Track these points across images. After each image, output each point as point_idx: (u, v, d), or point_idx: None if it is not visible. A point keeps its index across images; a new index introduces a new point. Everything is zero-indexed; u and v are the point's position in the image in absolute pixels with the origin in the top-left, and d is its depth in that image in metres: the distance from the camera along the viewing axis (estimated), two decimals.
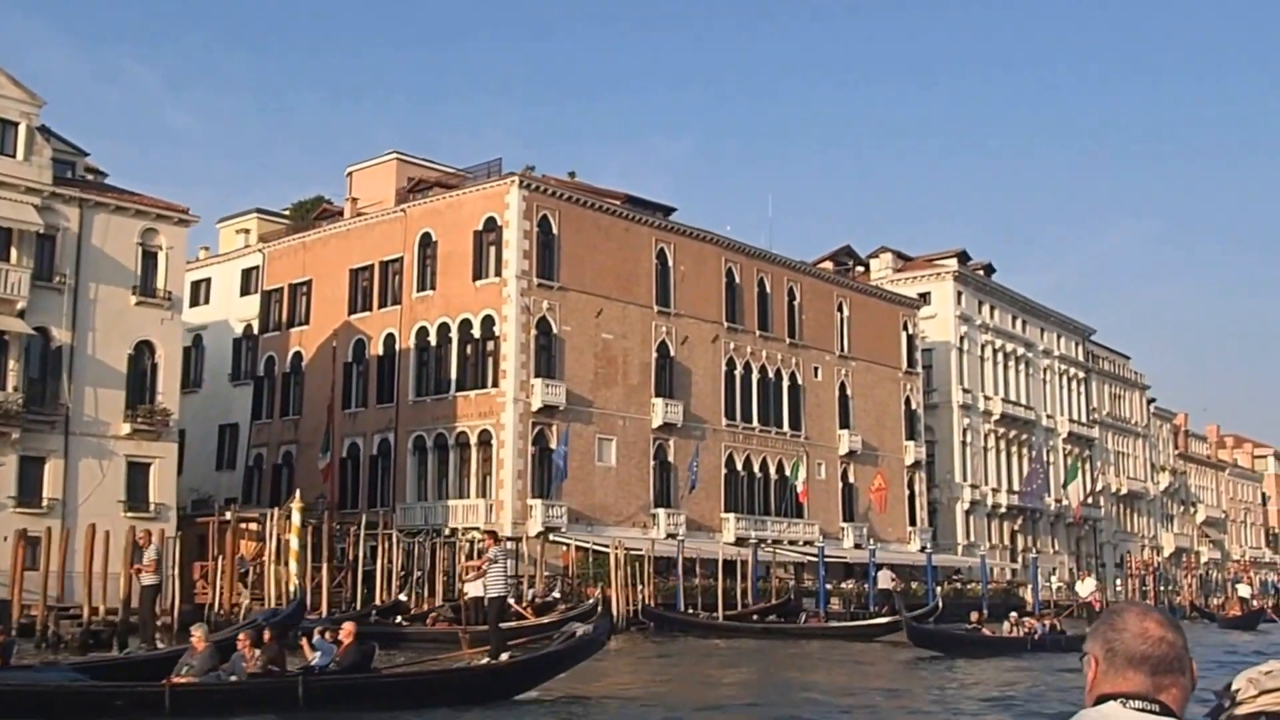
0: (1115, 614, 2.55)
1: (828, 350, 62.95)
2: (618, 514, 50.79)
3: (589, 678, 20.23)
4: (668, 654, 32.66)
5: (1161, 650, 2.44)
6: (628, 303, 52.54)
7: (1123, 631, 2.47)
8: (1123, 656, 2.45)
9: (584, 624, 18.41)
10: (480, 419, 48.78)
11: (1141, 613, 2.52)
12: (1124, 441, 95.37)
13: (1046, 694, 20.61)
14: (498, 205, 49.61)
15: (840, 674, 25.64)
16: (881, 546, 63.06)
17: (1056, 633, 31.59)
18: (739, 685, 23.79)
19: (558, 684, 18.22)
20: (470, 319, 49.82)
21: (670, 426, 53.17)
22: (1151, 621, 2.48)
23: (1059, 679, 23.73)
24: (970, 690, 21.91)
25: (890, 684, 22.96)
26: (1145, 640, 2.44)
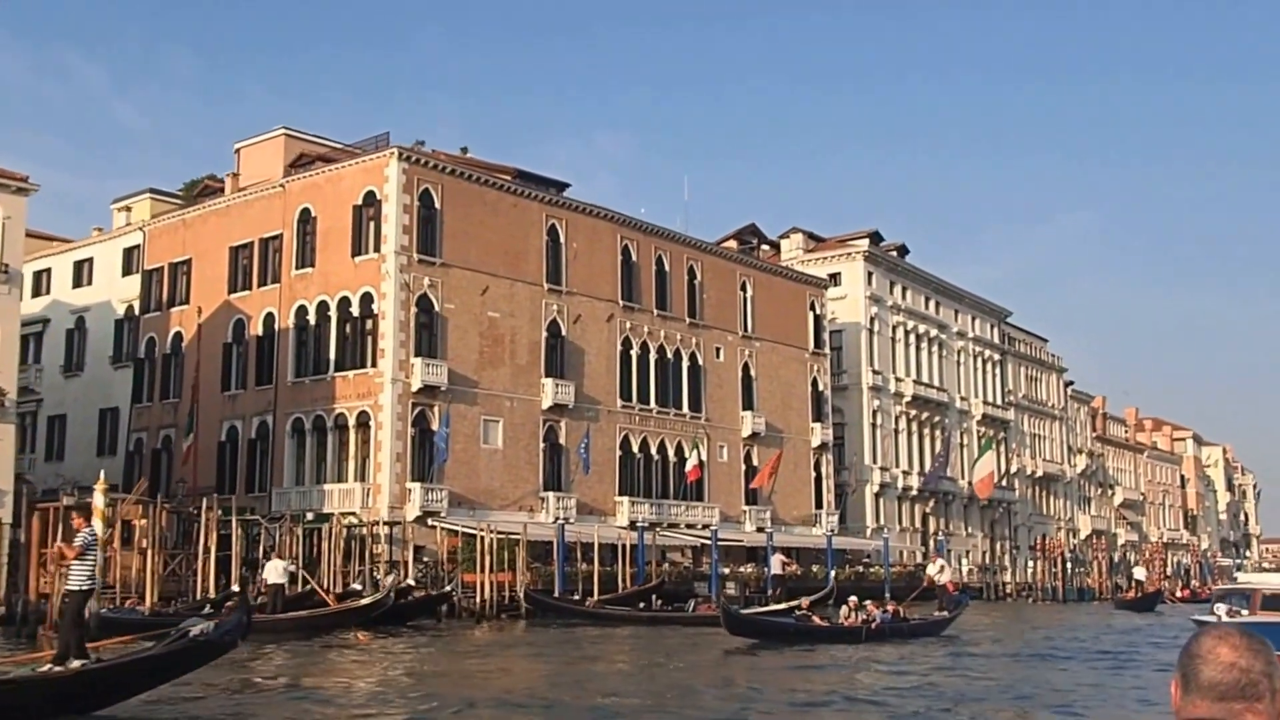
0: (1195, 639, 2.47)
1: (730, 330, 61.77)
2: (504, 498, 49.31)
3: (336, 671, 18.81)
4: (510, 643, 31.29)
5: (1232, 676, 2.35)
6: (516, 280, 51.02)
7: (1195, 657, 2.41)
8: (1194, 682, 2.38)
9: (207, 622, 14.81)
10: (359, 400, 47.10)
11: (1218, 637, 2.43)
12: (1040, 424, 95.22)
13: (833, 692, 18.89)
14: (377, 179, 47.89)
15: (635, 666, 24.13)
16: (786, 530, 62.18)
17: (899, 620, 29.60)
18: (523, 679, 21.89)
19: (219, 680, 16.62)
20: (349, 297, 48.09)
21: (561, 408, 51.75)
22: (1225, 646, 2.40)
23: (865, 673, 22.27)
24: (771, 686, 20.49)
25: (681, 680, 21.12)
26: (1215, 666, 2.37)
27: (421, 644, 28.83)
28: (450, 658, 25.96)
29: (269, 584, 31.85)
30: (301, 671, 21.76)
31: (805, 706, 17.04)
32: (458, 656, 26.34)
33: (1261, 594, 24.27)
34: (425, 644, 28.88)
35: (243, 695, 17.77)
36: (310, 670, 22.17)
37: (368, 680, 20.24)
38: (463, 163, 51.56)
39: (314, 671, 21.95)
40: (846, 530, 68.51)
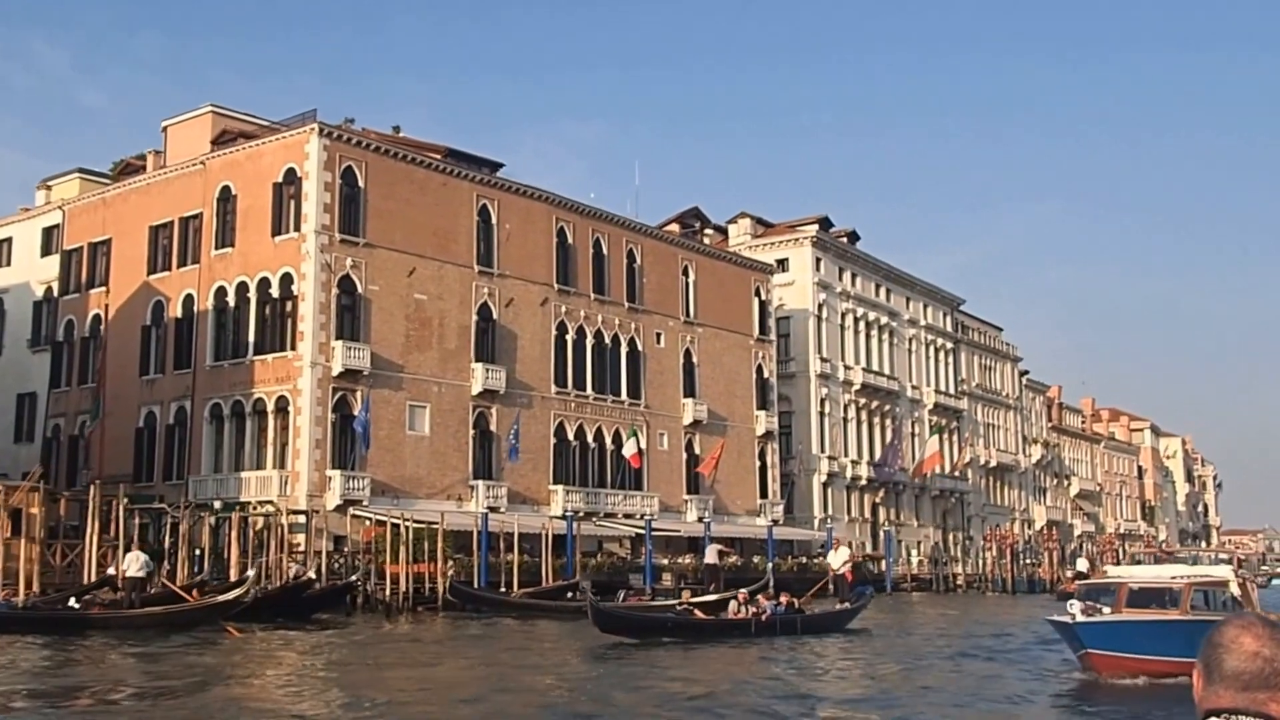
0: (1218, 627, 2.44)
1: (672, 315, 60.34)
2: (431, 486, 47.75)
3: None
4: (399, 638, 29.78)
5: (1256, 666, 2.32)
6: (445, 262, 49.40)
7: (1218, 646, 2.38)
8: (1218, 672, 2.35)
9: None
10: (277, 384, 45.42)
11: (1241, 626, 2.40)
12: (994, 413, 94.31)
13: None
14: (298, 156, 46.17)
15: (476, 665, 22.52)
16: (729, 520, 60.93)
17: (793, 612, 27.67)
18: (348, 677, 20.01)
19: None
20: (269, 278, 46.37)
21: (492, 393, 50.20)
22: (1249, 635, 2.37)
23: (721, 670, 20.76)
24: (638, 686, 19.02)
25: (508, 682, 19.52)
26: (1238, 656, 2.34)
27: (298, 639, 27.23)
28: (308, 654, 24.33)
29: (127, 576, 30.07)
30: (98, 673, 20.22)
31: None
32: (315, 652, 24.63)
33: (1128, 588, 20.99)
34: (301, 639, 27.28)
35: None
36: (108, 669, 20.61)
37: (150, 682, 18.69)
38: (389, 140, 49.90)
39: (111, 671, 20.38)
40: (794, 520, 67.33)
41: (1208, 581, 21.59)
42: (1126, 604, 20.43)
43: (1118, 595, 20.79)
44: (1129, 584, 21.28)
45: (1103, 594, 21.33)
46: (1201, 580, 21.53)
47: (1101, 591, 21.58)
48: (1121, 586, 21.22)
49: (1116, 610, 20.18)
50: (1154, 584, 21.33)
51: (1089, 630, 19.27)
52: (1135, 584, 21.33)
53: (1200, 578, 21.69)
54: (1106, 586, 22.20)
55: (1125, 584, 21.34)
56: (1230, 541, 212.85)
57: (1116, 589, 21.26)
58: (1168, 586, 20.88)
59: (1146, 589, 21.02)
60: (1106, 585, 22.41)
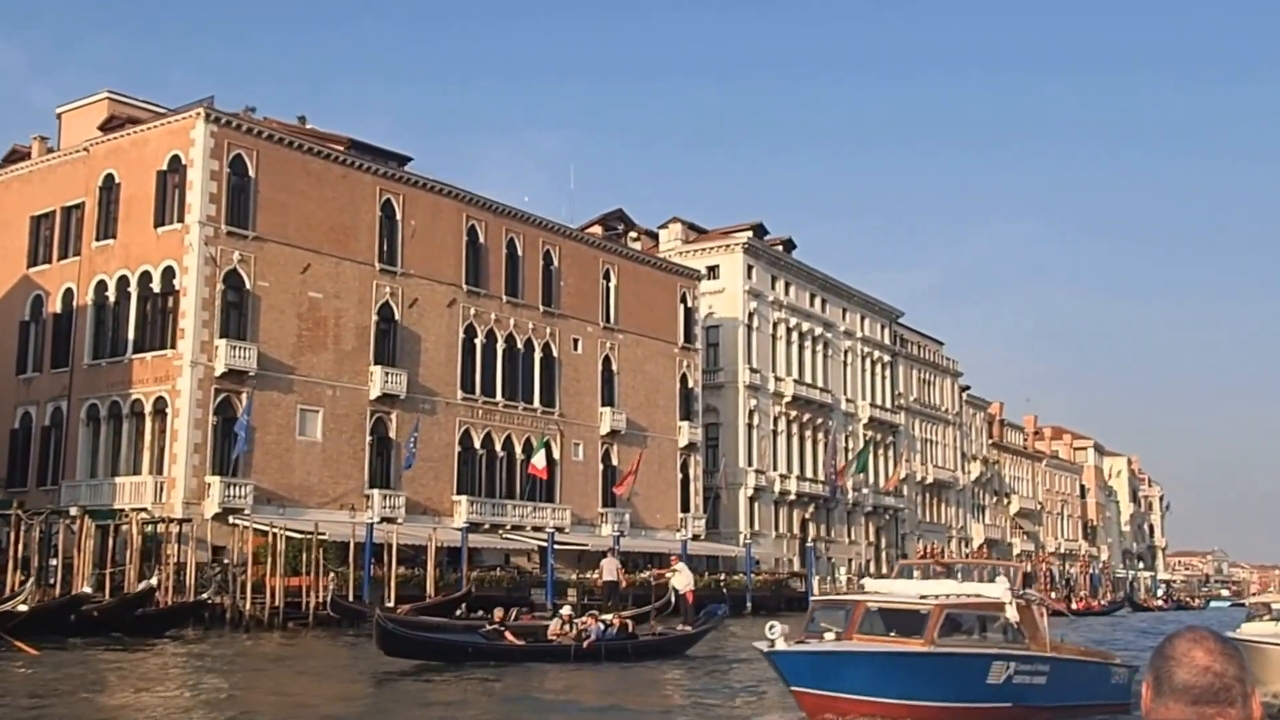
0: (1169, 640, 2.42)
1: (590, 321, 58.06)
2: (323, 495, 45.21)
3: None
4: (232, 656, 27.22)
5: (1206, 680, 2.31)
6: (343, 258, 46.94)
7: (1169, 659, 2.36)
8: (1167, 685, 2.33)
9: None
10: (156, 385, 42.76)
11: (1193, 640, 2.38)
12: (933, 429, 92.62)
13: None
14: (183, 142, 43.60)
15: (241, 688, 20.10)
16: (648, 534, 58.72)
17: (625, 636, 24.65)
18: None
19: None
20: (150, 271, 43.73)
21: (391, 398, 47.74)
22: (1200, 649, 2.35)
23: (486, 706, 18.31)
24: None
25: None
26: (1189, 669, 2.33)
27: (95, 659, 24.60)
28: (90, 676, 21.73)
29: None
30: None
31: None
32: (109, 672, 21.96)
33: (864, 609, 16.50)
34: (96, 659, 24.64)
35: None
36: None
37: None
38: (284, 129, 47.34)
39: None
40: (718, 536, 65.16)
41: (973, 604, 16.91)
42: (859, 629, 16.12)
43: (850, 616, 16.38)
44: (866, 603, 16.75)
45: (826, 612, 17.28)
46: (962, 602, 16.80)
47: (836, 610, 17.25)
48: (856, 607, 16.67)
49: (846, 636, 15.88)
50: (896, 604, 16.72)
51: (790, 662, 15.08)
52: (874, 604, 16.80)
53: (960, 599, 16.87)
54: (838, 603, 18.01)
55: (861, 603, 16.77)
56: (1180, 562, 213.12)
57: (850, 608, 16.80)
58: (914, 609, 16.29)
59: (888, 611, 16.60)
60: (841, 603, 17.89)
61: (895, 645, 15.78)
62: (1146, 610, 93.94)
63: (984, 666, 15.95)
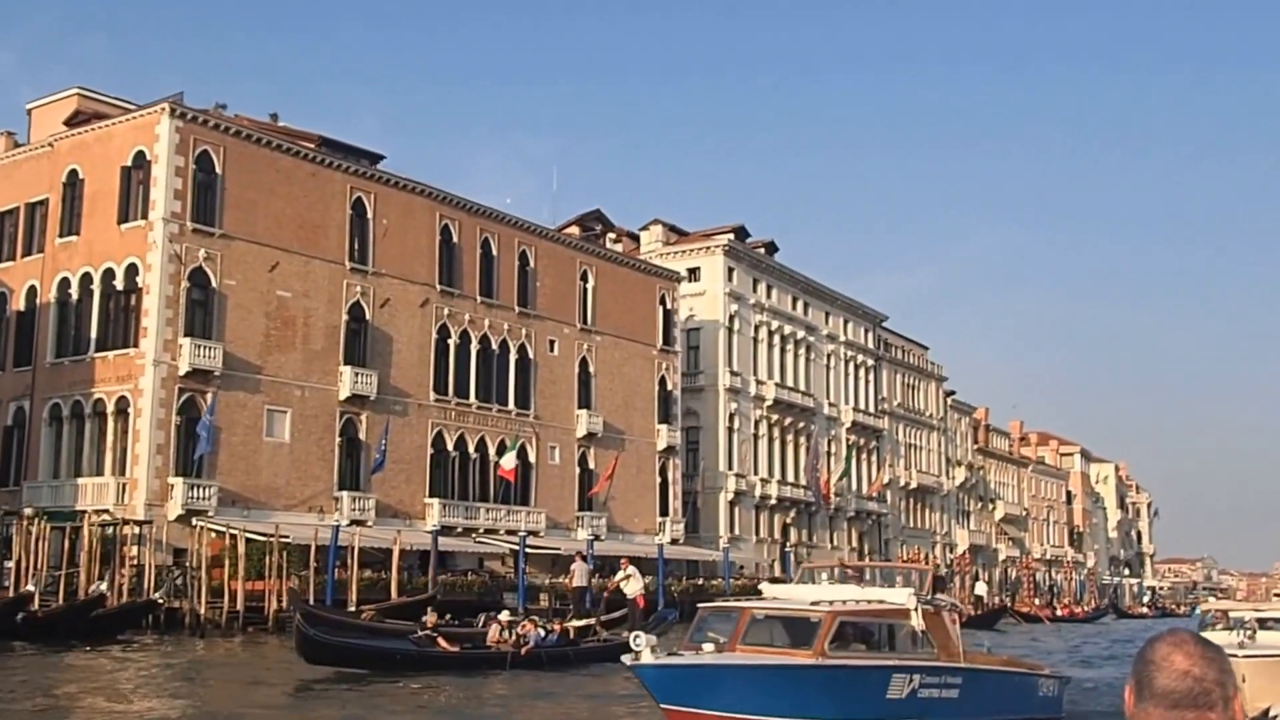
0: (1150, 644, 2.41)
1: (567, 322, 57.33)
2: (290, 497, 44.40)
3: None
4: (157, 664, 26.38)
5: (1185, 685, 2.30)
6: (312, 257, 46.16)
7: (1149, 663, 2.36)
8: (1148, 689, 2.33)
9: None
10: (118, 384, 41.93)
11: (1174, 644, 2.37)
12: (917, 434, 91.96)
13: None
14: (148, 138, 42.80)
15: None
16: (625, 538, 57.94)
17: (567, 642, 23.72)
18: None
19: None
20: (114, 268, 42.93)
21: (362, 399, 46.96)
22: (1181, 654, 2.34)
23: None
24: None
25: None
26: (1169, 674, 2.32)
27: (21, 665, 23.79)
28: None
29: None
30: None
31: None
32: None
33: (750, 616, 14.88)
34: (30, 664, 23.84)
35: None
36: None
37: None
38: (252, 125, 46.58)
39: None
40: (698, 540, 64.43)
41: (873, 611, 15.33)
42: (744, 639, 14.44)
43: (737, 624, 14.70)
44: (752, 611, 15.07)
45: (723, 622, 15.19)
46: (860, 609, 15.19)
47: (725, 618, 15.32)
48: (742, 614, 14.90)
49: (729, 646, 14.22)
50: (785, 611, 15.14)
51: (658, 677, 13.23)
52: (761, 611, 15.16)
53: (858, 606, 15.26)
54: (730, 612, 15.63)
55: (747, 610, 15.07)
56: (1169, 570, 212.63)
57: (736, 615, 15.06)
58: (804, 616, 14.67)
59: (776, 618, 15.05)
60: (730, 610, 15.80)
61: (781, 657, 14.15)
62: (1131, 617, 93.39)
63: (883, 679, 14.43)
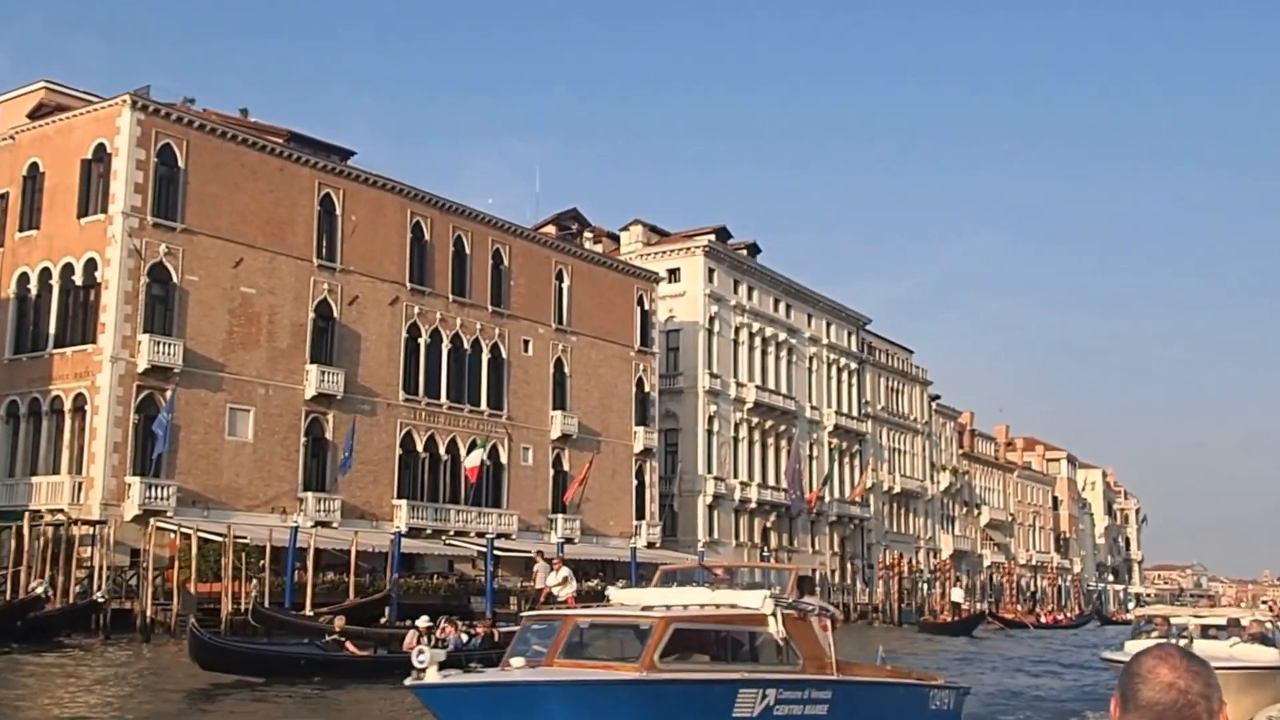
0: (1136, 657, 2.41)
1: (542, 322, 56.53)
2: (253, 497, 43.56)
3: None
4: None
5: (1170, 697, 2.30)
6: (278, 253, 45.34)
7: (1135, 675, 2.37)
8: (1133, 702, 2.34)
9: None
10: (76, 381, 41.09)
11: (1159, 657, 2.38)
12: (901, 438, 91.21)
13: None
14: (109, 130, 41.97)
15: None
16: (600, 541, 57.17)
17: (491, 645, 22.60)
18: None
19: None
20: (73, 263, 42.08)
21: (328, 398, 46.15)
22: (1166, 666, 2.34)
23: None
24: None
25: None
26: (1154, 686, 2.32)
27: None
28: None
29: None
30: None
31: None
32: None
33: (574, 625, 12.87)
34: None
35: None
36: None
37: None
38: (217, 119, 45.76)
39: None
40: (676, 544, 63.57)
41: (719, 617, 13.20)
42: (564, 652, 12.32)
43: (555, 638, 12.54)
44: (576, 619, 13.08)
45: (548, 633, 12.96)
46: (701, 615, 13.11)
47: (548, 629, 13.04)
48: (565, 622, 12.81)
49: (546, 660, 12.17)
50: (613, 619, 13.21)
51: (444, 700, 11.29)
52: (586, 619, 13.25)
53: (700, 611, 13.16)
54: (553, 621, 13.34)
55: (570, 619, 13.03)
56: (1158, 576, 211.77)
57: (559, 626, 12.84)
58: (634, 624, 12.62)
59: (603, 627, 13.07)
60: (553, 619, 13.50)
61: (602, 671, 12.03)
62: (1115, 624, 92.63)
63: (727, 696, 12.38)
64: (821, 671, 13.63)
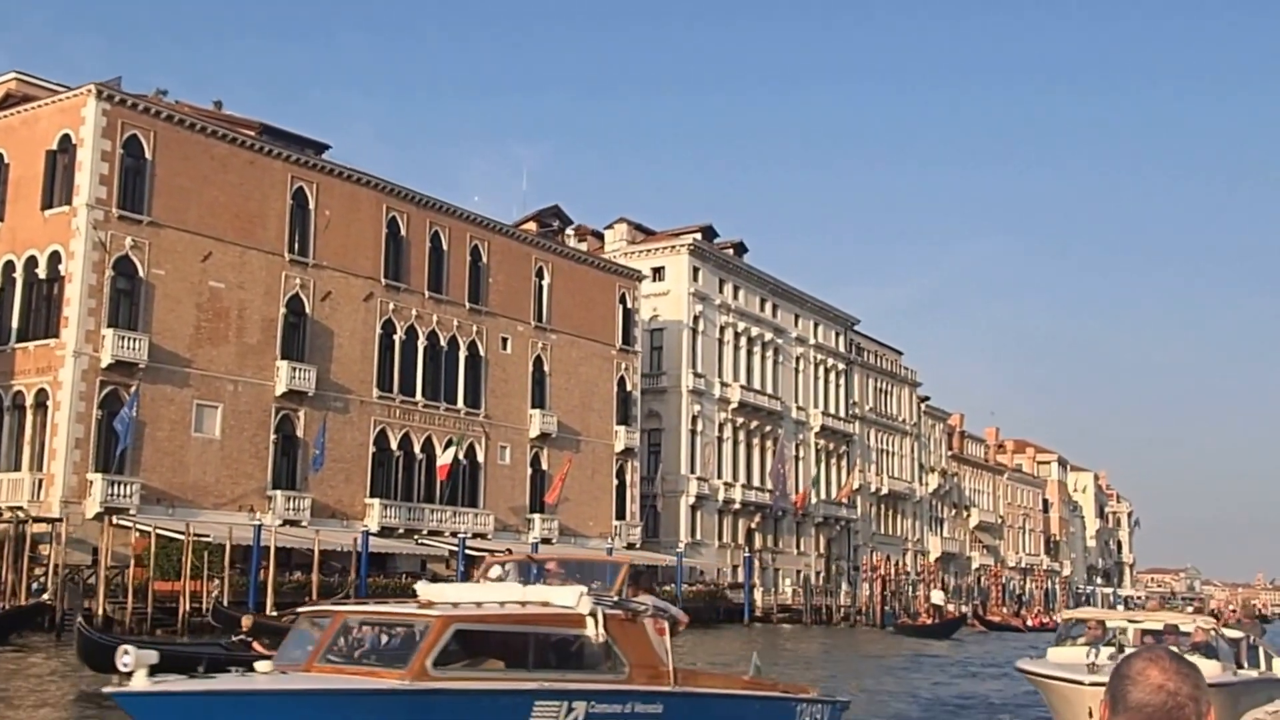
0: (1126, 659, 2.43)
1: (521, 320, 55.76)
2: (220, 495, 42.80)
3: None
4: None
5: (1160, 699, 2.31)
6: (249, 247, 44.58)
7: (1125, 678, 2.37)
8: (1122, 704, 2.35)
9: None
10: (38, 376, 40.32)
11: (1148, 659, 2.39)
12: (889, 439, 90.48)
13: None
14: (73, 121, 41.19)
15: None
16: (579, 542, 56.38)
17: None
18: None
19: None
20: (36, 256, 41.31)
21: (299, 395, 45.39)
22: (1156, 668, 2.35)
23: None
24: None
25: None
26: (1144, 688, 2.33)
27: None
28: None
29: None
30: None
31: None
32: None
33: (343, 622, 10.74)
34: None
35: None
36: None
37: None
38: (186, 111, 44.96)
39: None
40: (658, 545, 62.84)
41: (514, 617, 11.06)
42: (326, 654, 10.43)
43: (322, 636, 10.62)
44: (345, 615, 11.01)
45: (314, 633, 10.89)
46: (497, 615, 11.00)
47: (320, 627, 10.91)
48: (334, 619, 10.81)
49: (306, 665, 10.30)
50: (387, 617, 11.31)
51: (150, 710, 9.24)
52: (357, 616, 11.23)
53: (498, 611, 11.07)
54: (326, 618, 11.15)
55: (339, 615, 10.96)
56: (1152, 579, 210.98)
57: (327, 623, 10.82)
58: (408, 623, 10.67)
59: (376, 624, 11.24)
60: (326, 616, 11.28)
61: (364, 679, 10.05)
62: None
63: (520, 708, 10.48)
64: (654, 681, 11.70)
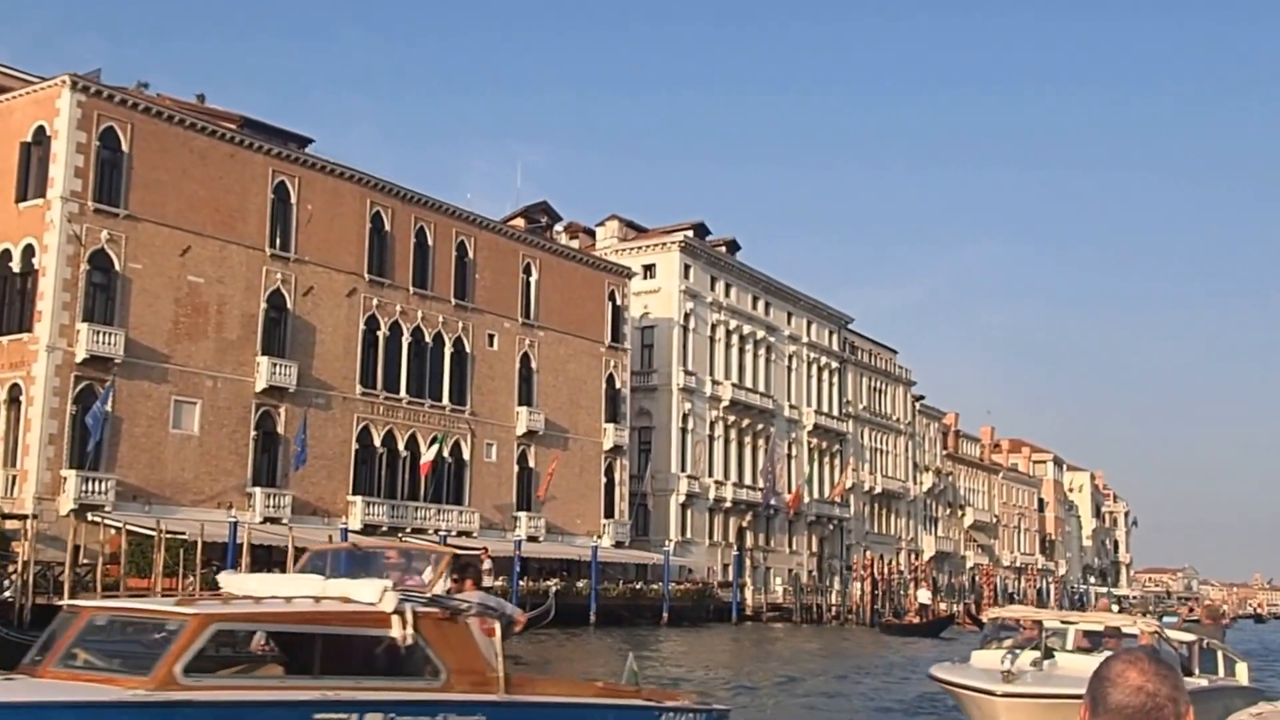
0: (1106, 661, 2.43)
1: (508, 316, 55.12)
2: (198, 492, 42.17)
3: None
4: None
5: (1139, 700, 2.31)
6: (229, 242, 43.94)
7: (1104, 680, 2.37)
8: (1102, 705, 2.35)
9: None
10: (11, 371, 39.67)
11: (1127, 661, 2.39)
12: (883, 438, 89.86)
13: None
14: (48, 112, 40.54)
15: None
16: (566, 540, 55.82)
17: None
18: None
19: None
20: (10, 249, 40.64)
21: (280, 391, 44.74)
22: (1134, 670, 2.35)
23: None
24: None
25: None
26: (1123, 690, 2.33)
27: None
28: None
29: None
30: None
31: None
32: None
33: (88, 620, 8.89)
34: None
35: None
36: None
37: None
38: (164, 103, 44.32)
39: None
40: (648, 544, 62.22)
41: (299, 615, 8.99)
42: (64, 657, 8.68)
43: (64, 636, 8.84)
44: (91, 613, 9.21)
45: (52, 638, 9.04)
46: (277, 613, 9.02)
47: (55, 631, 9.08)
48: (78, 616, 8.98)
49: (41, 669, 8.62)
50: (139, 614, 9.46)
51: None
52: (105, 613, 9.47)
53: (282, 608, 9.04)
54: (69, 614, 9.33)
55: (85, 612, 9.16)
56: (1149, 579, 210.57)
57: (71, 622, 9.03)
58: (160, 621, 8.84)
59: (125, 623, 9.44)
60: (69, 612, 9.34)
61: (98, 688, 8.33)
62: None
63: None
64: (478, 689, 9.88)
